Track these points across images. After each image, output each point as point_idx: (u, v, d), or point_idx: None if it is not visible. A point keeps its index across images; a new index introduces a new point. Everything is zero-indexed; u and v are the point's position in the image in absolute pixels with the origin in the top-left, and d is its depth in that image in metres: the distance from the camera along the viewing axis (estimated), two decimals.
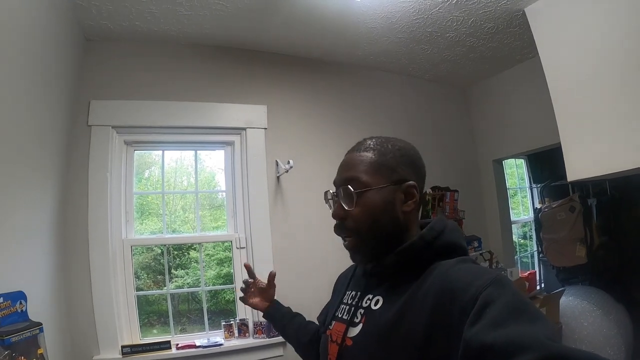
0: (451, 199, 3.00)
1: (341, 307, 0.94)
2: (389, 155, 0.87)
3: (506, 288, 0.66)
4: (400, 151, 0.89)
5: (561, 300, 2.96)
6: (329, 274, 1.06)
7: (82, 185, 2.23)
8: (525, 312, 0.62)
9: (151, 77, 2.48)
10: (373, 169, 0.86)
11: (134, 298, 2.32)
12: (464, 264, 0.77)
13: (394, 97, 3.24)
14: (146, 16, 2.24)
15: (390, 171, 0.86)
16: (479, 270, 0.73)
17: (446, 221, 0.89)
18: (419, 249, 0.82)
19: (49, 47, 1.81)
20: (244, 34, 2.56)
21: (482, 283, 0.67)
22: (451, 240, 0.85)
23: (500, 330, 0.58)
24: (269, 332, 2.39)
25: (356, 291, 0.92)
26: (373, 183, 0.85)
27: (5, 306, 1.32)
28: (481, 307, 0.63)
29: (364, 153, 0.88)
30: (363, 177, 0.85)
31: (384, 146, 0.89)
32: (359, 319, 0.85)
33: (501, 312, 0.61)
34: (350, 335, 0.85)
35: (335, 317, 0.94)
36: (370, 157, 0.87)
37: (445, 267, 0.76)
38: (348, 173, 0.88)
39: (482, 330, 0.60)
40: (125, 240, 2.33)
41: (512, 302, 0.63)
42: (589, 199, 3.47)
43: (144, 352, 2.15)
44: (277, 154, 2.66)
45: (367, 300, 0.86)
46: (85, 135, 2.28)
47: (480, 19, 2.51)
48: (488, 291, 0.65)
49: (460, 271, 0.73)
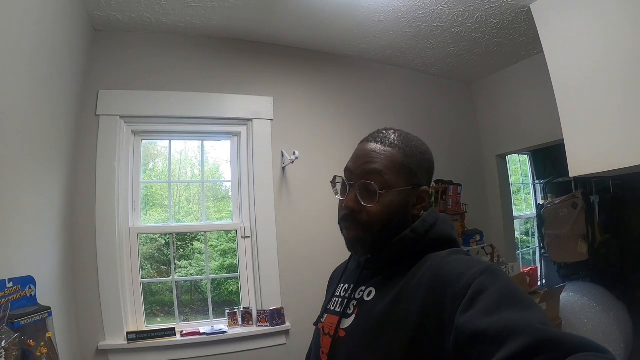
0: (454, 192, 3.01)
1: (333, 299, 0.94)
2: (414, 158, 0.86)
3: (498, 277, 0.67)
4: (422, 155, 0.88)
5: (562, 296, 2.98)
6: (333, 264, 1.08)
7: (90, 174, 2.26)
8: (517, 299, 0.62)
9: (159, 68, 2.50)
10: (398, 169, 0.84)
11: (140, 285, 2.35)
12: (456, 255, 0.78)
13: (399, 90, 3.25)
14: (155, 7, 2.26)
15: (412, 174, 0.85)
16: (471, 261, 0.74)
17: (438, 214, 0.89)
18: (411, 241, 0.82)
19: (57, 38, 1.82)
20: (252, 26, 2.57)
21: (475, 272, 0.67)
22: (443, 232, 0.85)
23: (493, 316, 0.58)
24: (272, 321, 2.42)
25: (349, 284, 0.92)
26: (396, 184, 0.84)
27: (15, 290, 1.33)
28: (473, 294, 0.63)
29: (389, 149, 0.85)
30: (387, 175, 0.83)
31: (409, 146, 0.87)
32: (351, 311, 0.85)
33: (494, 299, 0.61)
34: (343, 326, 0.84)
35: (328, 310, 0.93)
36: (397, 156, 0.85)
37: (437, 258, 0.77)
38: (371, 165, 0.84)
39: (474, 317, 0.60)
40: (132, 228, 2.36)
41: (504, 290, 0.63)
42: (591, 196, 3.49)
43: (149, 338, 2.19)
44: (282, 145, 2.68)
45: (360, 292, 0.86)
46: (93, 125, 2.30)
47: (486, 14, 2.52)
48: (480, 280, 0.65)
49: (452, 262, 0.74)
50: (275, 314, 2.43)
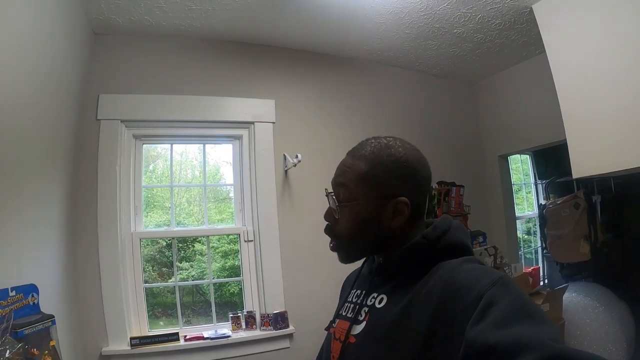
0: (457, 194, 3.00)
1: (346, 305, 0.94)
2: (381, 168, 0.84)
3: (510, 289, 0.66)
4: (395, 163, 0.84)
5: (564, 296, 2.98)
6: (336, 268, 1.07)
7: (92, 179, 2.25)
8: (529, 313, 0.61)
9: (160, 71, 2.49)
10: (362, 181, 0.84)
11: (143, 290, 2.34)
12: (468, 264, 0.76)
13: (401, 92, 3.24)
14: (155, 10, 2.24)
15: (379, 185, 0.83)
16: (484, 271, 0.72)
17: (451, 220, 0.88)
18: (422, 248, 0.81)
19: (57, 41, 1.81)
20: (253, 29, 2.56)
21: (487, 283, 0.66)
22: (456, 239, 0.83)
23: (504, 330, 0.58)
24: (276, 325, 2.41)
25: (361, 290, 0.92)
26: (359, 195, 0.84)
27: (18, 299, 1.32)
28: (485, 306, 0.63)
29: (356, 161, 0.86)
30: (351, 187, 0.85)
31: (378, 156, 0.85)
32: (362, 317, 0.84)
33: (505, 312, 0.61)
34: (353, 332, 0.84)
35: (340, 315, 0.93)
36: (361, 167, 0.85)
37: (449, 267, 0.75)
38: (339, 178, 0.88)
39: (485, 330, 0.59)
40: (134, 233, 2.35)
41: (516, 303, 0.63)
42: (593, 196, 3.48)
43: (152, 343, 2.18)
44: (285, 148, 2.67)
45: (372, 298, 0.86)
46: (94, 129, 2.29)
47: (488, 15, 2.51)
48: (492, 291, 0.64)
49: (464, 271, 0.73)
50: (278, 317, 2.42)
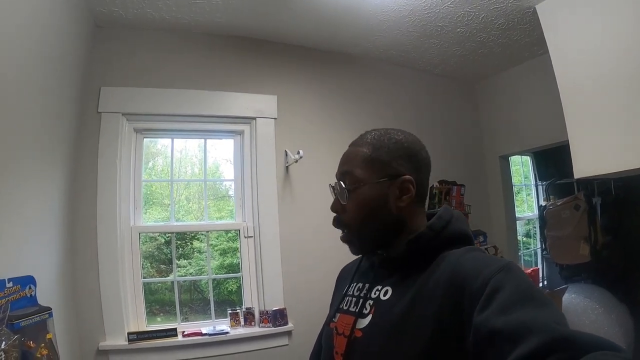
0: (457, 193, 3.01)
1: (346, 299, 0.92)
2: (384, 150, 0.87)
3: (516, 274, 0.67)
4: (396, 144, 0.87)
5: (564, 297, 2.97)
6: (337, 264, 1.07)
7: (92, 172, 2.23)
8: (534, 297, 0.62)
9: (162, 65, 2.48)
10: (366, 164, 0.86)
11: (141, 285, 2.33)
12: (473, 252, 0.78)
13: (403, 90, 3.24)
14: (158, 4, 2.23)
15: (384, 166, 0.85)
16: (489, 258, 0.74)
17: (452, 211, 0.89)
18: (427, 239, 0.82)
19: (59, 34, 1.80)
20: (256, 24, 2.55)
21: (492, 270, 0.67)
22: (458, 229, 0.85)
23: (510, 315, 0.59)
24: (275, 321, 2.40)
25: (363, 283, 0.91)
26: (366, 178, 0.85)
27: (15, 290, 1.31)
28: (491, 292, 0.64)
29: (358, 148, 0.89)
30: (356, 172, 0.86)
31: (380, 140, 0.88)
32: (368, 310, 0.84)
33: (510, 297, 0.62)
34: (359, 326, 0.83)
35: (340, 310, 0.92)
36: (364, 152, 0.87)
37: (455, 256, 0.77)
38: (343, 167, 0.90)
39: (491, 315, 0.60)
40: (134, 227, 2.34)
41: (521, 288, 0.64)
42: (593, 198, 3.48)
43: (150, 339, 2.17)
44: (286, 144, 2.66)
45: (376, 291, 0.85)
46: (95, 122, 2.27)
47: (492, 14, 2.51)
48: (497, 277, 0.65)
49: (470, 259, 0.74)
50: (277, 314, 2.41)
